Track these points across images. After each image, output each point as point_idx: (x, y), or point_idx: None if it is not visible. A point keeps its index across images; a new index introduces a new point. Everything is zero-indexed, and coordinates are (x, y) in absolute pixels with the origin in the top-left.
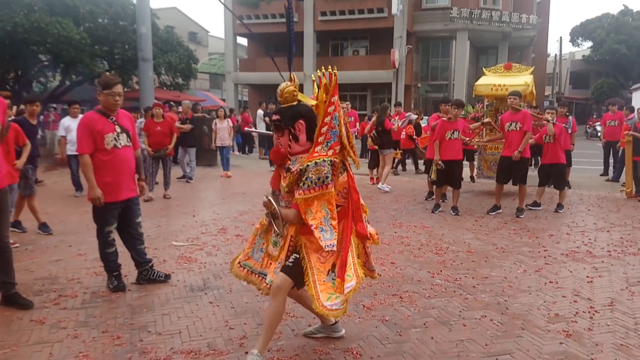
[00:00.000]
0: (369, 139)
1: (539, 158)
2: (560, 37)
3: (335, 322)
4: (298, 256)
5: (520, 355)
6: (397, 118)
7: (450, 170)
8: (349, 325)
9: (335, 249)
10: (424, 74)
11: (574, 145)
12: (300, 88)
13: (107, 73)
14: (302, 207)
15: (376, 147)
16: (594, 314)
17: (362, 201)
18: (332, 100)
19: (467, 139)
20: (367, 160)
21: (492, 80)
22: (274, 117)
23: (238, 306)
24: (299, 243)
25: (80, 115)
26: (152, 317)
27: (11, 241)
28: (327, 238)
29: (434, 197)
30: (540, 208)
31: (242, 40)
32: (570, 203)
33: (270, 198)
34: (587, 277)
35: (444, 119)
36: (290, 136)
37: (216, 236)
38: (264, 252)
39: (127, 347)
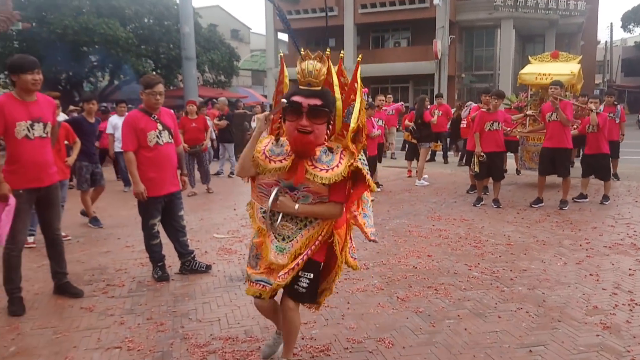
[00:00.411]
0: (406, 132)
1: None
2: (611, 23)
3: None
4: (311, 276)
5: (555, 346)
6: (437, 110)
7: (491, 162)
8: (382, 316)
9: (377, 238)
10: (467, 64)
11: (623, 135)
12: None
13: (150, 73)
14: (349, 199)
15: (414, 140)
16: (633, 307)
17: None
18: (354, 86)
19: (508, 129)
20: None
21: (537, 68)
22: (314, 101)
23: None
24: (332, 241)
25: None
26: (193, 305)
27: (63, 234)
28: (370, 225)
29: (476, 190)
30: (587, 200)
31: (283, 36)
32: (617, 194)
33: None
34: (630, 269)
35: (483, 110)
36: (330, 123)
37: None
38: (259, 259)
39: (169, 333)
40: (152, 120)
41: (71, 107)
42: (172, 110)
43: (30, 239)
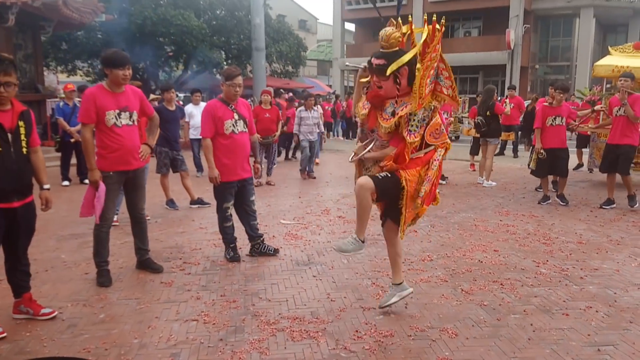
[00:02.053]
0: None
1: None
2: None
3: (402, 282)
4: (389, 175)
5: (625, 347)
6: (507, 101)
7: (553, 159)
8: (445, 307)
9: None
10: (542, 54)
11: None
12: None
13: (231, 65)
14: (409, 149)
15: (478, 135)
16: None
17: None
18: (437, 48)
19: (575, 123)
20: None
21: (615, 60)
22: (380, 61)
23: (339, 281)
24: (401, 178)
25: (202, 103)
26: (262, 286)
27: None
28: (423, 190)
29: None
30: None
31: (350, 26)
32: None
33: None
34: None
35: (545, 104)
36: (395, 80)
37: (320, 216)
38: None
39: (241, 310)
40: (229, 109)
41: (152, 96)
42: (247, 101)
43: (114, 218)
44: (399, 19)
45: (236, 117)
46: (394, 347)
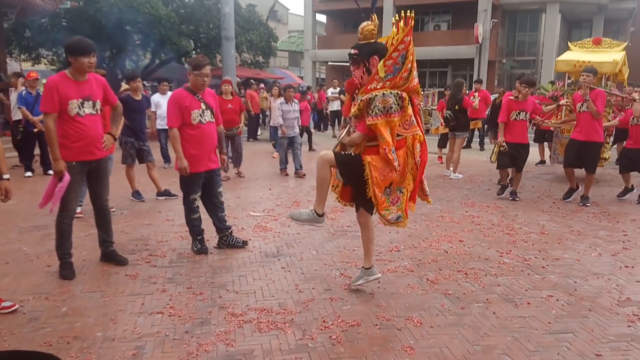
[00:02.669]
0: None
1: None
2: None
3: (371, 266)
4: (353, 154)
5: (584, 335)
6: (476, 95)
7: (513, 154)
8: (411, 296)
9: (399, 169)
10: (509, 49)
11: None
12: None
13: (198, 54)
14: (372, 131)
15: (447, 129)
16: None
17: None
18: (404, 40)
19: (540, 119)
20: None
21: (576, 56)
22: (353, 51)
23: (307, 272)
24: (364, 161)
25: (169, 92)
26: (230, 278)
27: (109, 206)
28: (396, 159)
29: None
30: (635, 191)
31: (322, 18)
32: None
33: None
34: None
35: (510, 98)
36: (364, 69)
37: (290, 208)
38: None
39: (208, 302)
40: (196, 99)
41: (124, 86)
42: (214, 91)
43: (78, 210)
44: (375, 14)
45: (203, 106)
46: (360, 337)
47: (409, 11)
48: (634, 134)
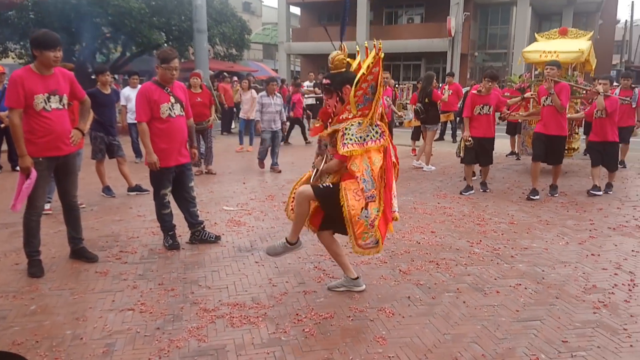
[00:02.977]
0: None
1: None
2: (632, 2)
3: (357, 277)
4: (331, 185)
5: (551, 322)
6: (447, 88)
7: (479, 148)
8: (384, 288)
9: (374, 199)
10: (481, 42)
11: (639, 122)
12: (353, 57)
13: (166, 47)
14: (348, 160)
15: (419, 122)
16: (633, 287)
17: (396, 165)
18: (373, 71)
19: (506, 112)
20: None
21: (542, 46)
22: (325, 81)
23: (281, 266)
24: (340, 187)
25: (139, 86)
26: (202, 273)
27: (79, 202)
28: (368, 189)
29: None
30: (601, 193)
31: (296, 10)
32: (626, 177)
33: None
34: (632, 251)
35: (474, 92)
36: (338, 98)
37: (264, 202)
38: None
39: (180, 298)
40: (165, 93)
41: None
42: (183, 84)
43: (47, 206)
44: (344, 45)
45: (172, 100)
46: (333, 329)
47: (379, 42)
48: (597, 127)
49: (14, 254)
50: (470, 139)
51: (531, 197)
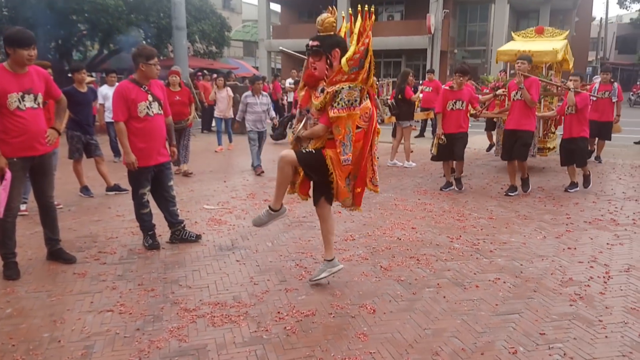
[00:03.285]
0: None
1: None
2: (607, 0)
3: (333, 258)
4: (314, 151)
5: (529, 315)
6: (419, 90)
7: (452, 144)
8: (365, 284)
9: (349, 163)
10: (460, 39)
11: (619, 116)
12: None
13: (143, 44)
14: (333, 123)
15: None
16: (608, 279)
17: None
18: (369, 34)
19: (479, 109)
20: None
21: (518, 46)
22: (313, 42)
23: (263, 264)
24: (326, 155)
25: (117, 84)
26: (183, 273)
27: (55, 202)
28: (345, 152)
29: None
30: (578, 188)
31: (276, 7)
32: (601, 172)
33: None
34: (607, 244)
35: (446, 87)
36: (327, 61)
37: (245, 201)
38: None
39: (160, 298)
40: (142, 91)
41: (87, 79)
42: (162, 82)
43: (23, 207)
44: (335, 6)
45: (150, 98)
46: (315, 326)
47: (368, 5)
48: (567, 124)
49: None
50: (443, 137)
51: (509, 193)
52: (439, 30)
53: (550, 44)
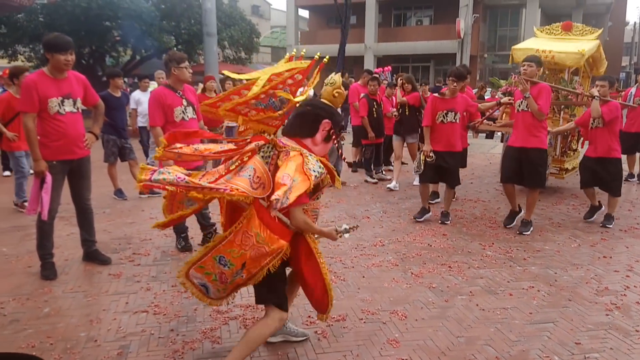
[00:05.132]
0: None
1: None
2: None
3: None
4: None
5: (564, 324)
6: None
7: (442, 164)
8: (396, 290)
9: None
10: (490, 44)
11: None
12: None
13: (172, 49)
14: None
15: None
16: None
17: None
18: (295, 77)
19: (475, 121)
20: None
21: (537, 44)
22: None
23: None
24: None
25: (150, 89)
26: None
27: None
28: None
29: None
30: (604, 209)
31: (304, 13)
32: (636, 180)
33: None
34: None
35: (436, 95)
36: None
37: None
38: None
39: (193, 299)
40: (177, 96)
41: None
42: (193, 87)
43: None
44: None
45: (185, 103)
46: (346, 331)
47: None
48: (592, 140)
49: (27, 256)
50: (431, 154)
51: (507, 224)
52: (469, 34)
53: (576, 44)
